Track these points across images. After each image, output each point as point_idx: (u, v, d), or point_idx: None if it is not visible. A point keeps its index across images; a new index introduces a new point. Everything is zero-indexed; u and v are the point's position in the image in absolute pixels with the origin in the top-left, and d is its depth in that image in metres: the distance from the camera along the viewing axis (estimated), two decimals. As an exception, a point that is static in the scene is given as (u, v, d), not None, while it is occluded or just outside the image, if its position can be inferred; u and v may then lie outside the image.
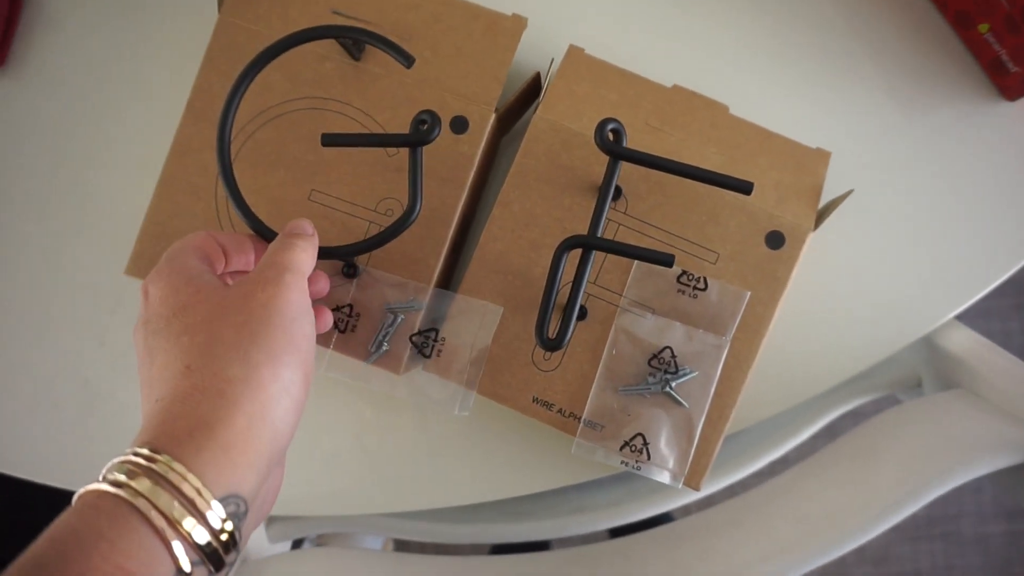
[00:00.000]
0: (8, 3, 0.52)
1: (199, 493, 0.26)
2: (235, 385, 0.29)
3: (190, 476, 0.27)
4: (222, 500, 0.27)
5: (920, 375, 0.55)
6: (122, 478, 0.26)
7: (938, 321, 0.49)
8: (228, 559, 0.28)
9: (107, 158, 0.52)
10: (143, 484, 0.26)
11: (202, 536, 0.26)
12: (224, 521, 0.27)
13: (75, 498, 0.27)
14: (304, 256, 0.35)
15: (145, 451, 0.27)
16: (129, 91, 0.52)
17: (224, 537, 0.27)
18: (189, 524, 0.26)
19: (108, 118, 0.52)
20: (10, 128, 0.53)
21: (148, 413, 0.29)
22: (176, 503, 0.26)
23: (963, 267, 0.49)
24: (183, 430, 0.27)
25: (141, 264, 0.46)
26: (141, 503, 0.26)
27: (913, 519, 1.25)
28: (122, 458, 0.27)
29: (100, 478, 0.27)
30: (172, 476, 0.26)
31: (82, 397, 0.51)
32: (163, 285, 0.32)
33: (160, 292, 0.32)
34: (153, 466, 0.26)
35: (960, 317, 0.50)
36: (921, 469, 0.43)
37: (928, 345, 0.51)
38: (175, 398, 0.29)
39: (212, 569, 0.27)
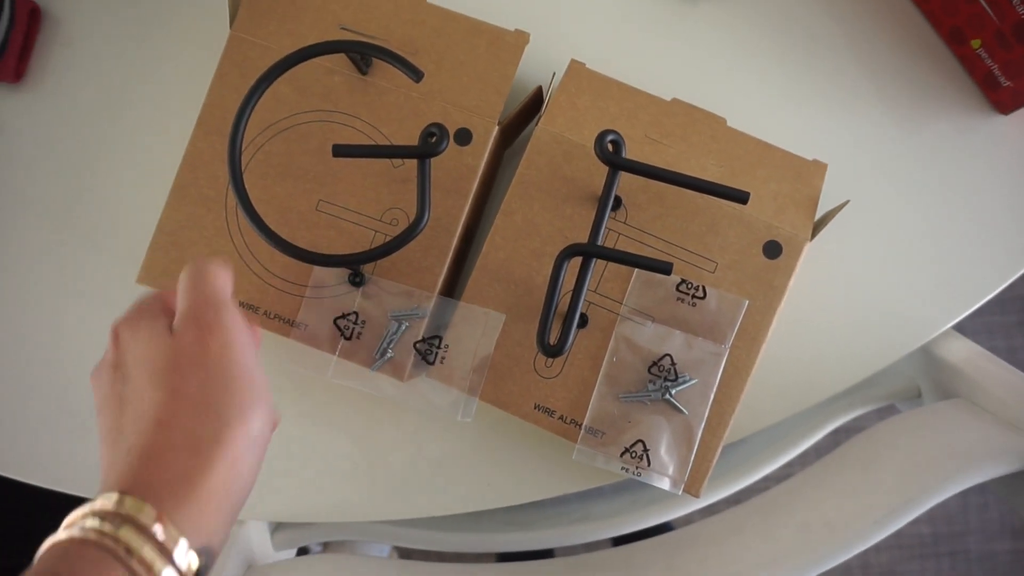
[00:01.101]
0: (27, 21, 0.54)
1: (172, 539, 0.27)
2: (208, 444, 0.29)
3: (166, 523, 0.27)
4: (196, 551, 0.28)
5: (919, 385, 0.55)
6: (102, 526, 0.27)
7: (936, 331, 0.50)
8: None
9: (120, 170, 0.53)
10: (123, 532, 0.26)
11: None
12: (196, 572, 0.28)
13: (48, 545, 0.27)
14: (226, 282, 0.34)
15: (123, 499, 0.27)
16: (141, 105, 0.54)
17: None
18: (167, 573, 0.27)
19: (121, 131, 0.54)
20: (26, 141, 0.54)
21: (118, 462, 0.30)
22: (152, 549, 0.27)
23: (960, 277, 0.50)
24: (160, 483, 0.28)
25: (153, 273, 0.47)
26: (121, 552, 0.26)
27: (919, 537, 1.24)
28: (98, 506, 0.28)
29: (72, 524, 0.27)
30: (147, 523, 0.27)
31: (91, 400, 0.52)
32: (130, 335, 0.32)
33: (131, 342, 0.32)
34: (131, 515, 0.27)
35: (961, 332, 0.51)
36: (920, 477, 0.43)
37: (926, 355, 0.52)
38: (148, 452, 0.29)
39: None
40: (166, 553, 0.27)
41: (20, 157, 0.54)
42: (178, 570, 0.27)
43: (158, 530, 0.27)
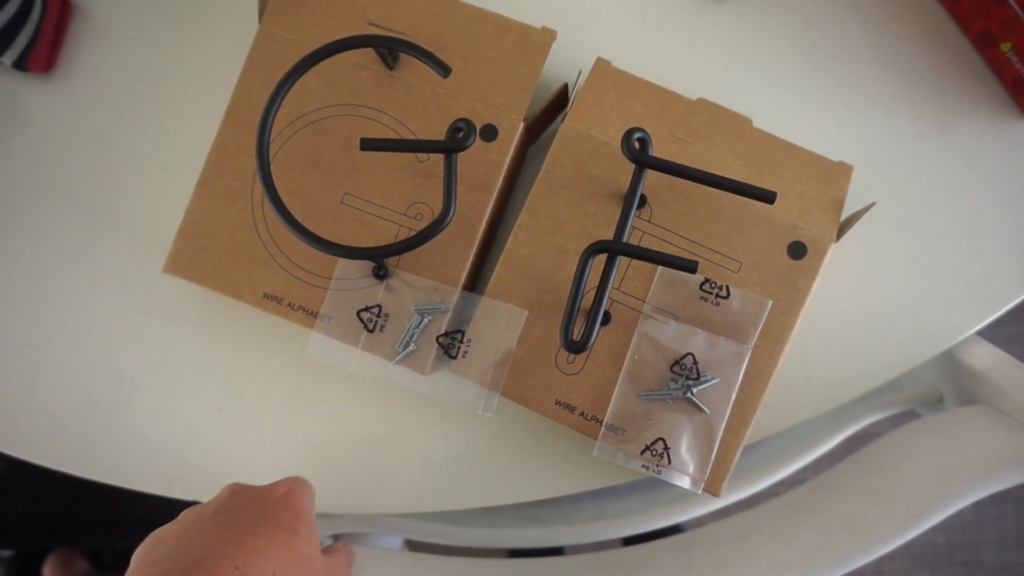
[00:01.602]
0: (58, 12, 0.55)
1: None
2: None
3: None
4: None
5: (941, 391, 0.55)
6: None
7: (959, 336, 0.49)
8: None
9: (147, 161, 0.54)
10: None
11: None
12: None
13: None
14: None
15: None
16: (170, 97, 0.54)
17: None
18: None
19: (149, 123, 0.54)
20: (56, 131, 0.55)
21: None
22: None
23: (984, 282, 0.49)
24: None
25: (178, 263, 0.47)
26: None
27: (934, 547, 1.23)
28: None
29: None
30: None
31: (116, 392, 0.52)
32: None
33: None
34: None
35: (984, 337, 0.51)
36: (941, 482, 0.43)
37: (949, 360, 0.51)
38: None
39: None
40: None
41: (49, 147, 0.55)
42: None
43: None
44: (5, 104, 0.55)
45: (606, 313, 0.44)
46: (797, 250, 0.44)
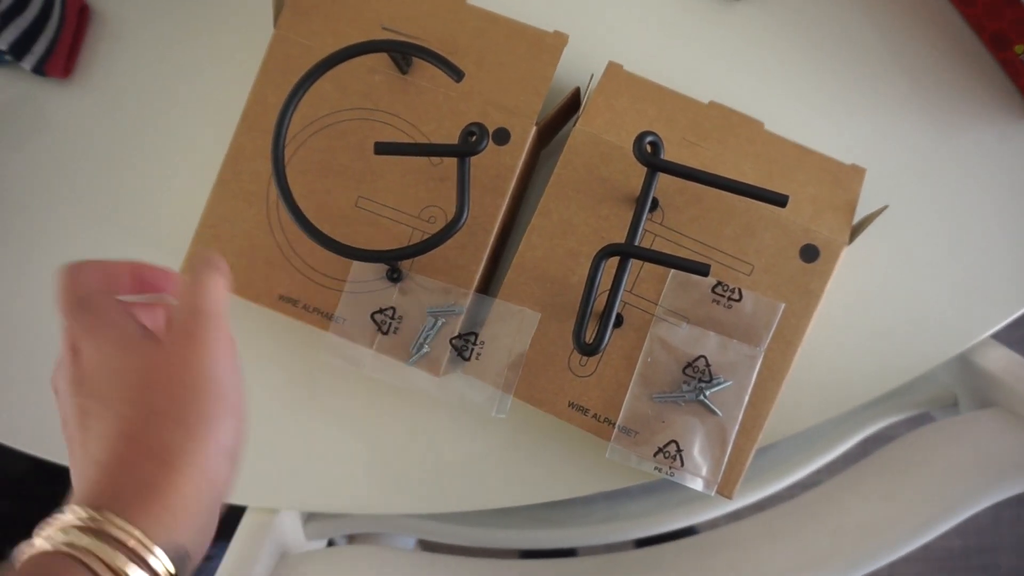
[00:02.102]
0: (76, 19, 0.55)
1: (145, 547, 0.28)
2: (176, 453, 0.30)
3: (135, 531, 0.28)
4: (171, 558, 0.28)
5: (956, 394, 0.55)
6: (75, 539, 0.27)
7: (974, 339, 0.49)
8: None
9: (164, 164, 0.55)
10: (93, 543, 0.27)
11: None
12: (172, 573, 0.29)
13: (23, 556, 0.28)
14: (221, 294, 0.35)
15: (92, 512, 0.28)
16: (186, 101, 0.55)
17: None
18: (136, 574, 0.27)
19: (165, 126, 0.55)
20: (74, 135, 0.56)
21: (88, 474, 0.30)
22: (124, 557, 0.27)
23: (999, 286, 0.49)
24: (129, 493, 0.29)
25: (194, 265, 0.48)
26: (93, 562, 0.27)
27: (949, 551, 1.22)
28: (69, 519, 0.28)
29: (44, 536, 0.28)
30: (118, 533, 0.28)
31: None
32: (95, 347, 0.32)
33: (93, 354, 0.32)
34: (102, 526, 0.28)
35: (999, 340, 0.50)
36: (956, 486, 0.43)
37: (964, 363, 0.51)
38: (116, 463, 0.29)
39: None
40: (140, 561, 0.28)
41: (67, 151, 0.56)
42: (152, 571, 0.28)
43: (129, 540, 0.28)
44: (24, 107, 0.56)
45: (618, 316, 0.45)
46: (809, 253, 0.44)
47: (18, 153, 0.56)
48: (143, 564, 0.28)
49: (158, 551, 0.28)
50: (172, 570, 0.28)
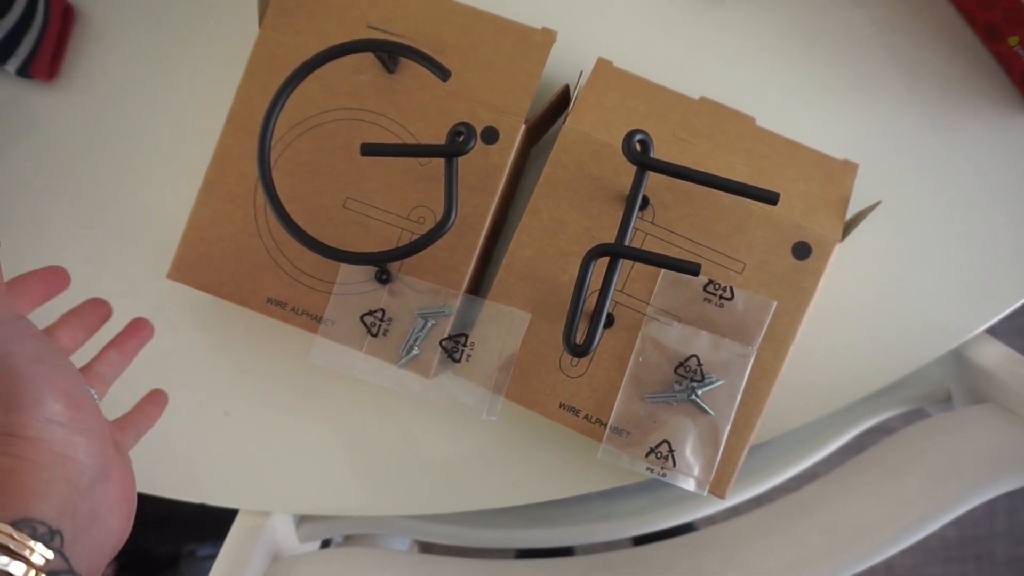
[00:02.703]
0: (60, 19, 0.55)
1: None
2: None
3: None
4: (16, 527, 0.27)
5: (950, 389, 0.55)
6: None
7: (968, 334, 0.49)
8: None
9: (151, 166, 0.54)
10: None
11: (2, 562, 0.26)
12: (33, 547, 0.27)
13: None
14: None
15: None
16: (172, 102, 0.55)
17: (35, 557, 0.27)
18: None
19: (151, 128, 0.55)
20: (59, 137, 0.55)
21: None
22: None
23: (993, 280, 0.49)
24: None
25: (182, 269, 0.47)
26: None
27: (944, 541, 1.23)
28: None
29: None
30: None
31: (121, 396, 0.53)
32: None
33: None
34: None
35: (993, 335, 0.50)
36: (949, 483, 0.43)
37: (958, 359, 0.51)
38: None
39: None
40: None
41: (53, 153, 0.55)
42: (6, 550, 0.26)
43: None
44: (8, 108, 0.55)
45: (609, 315, 0.44)
46: (801, 250, 0.44)
47: (3, 157, 0.55)
48: None
49: (3, 526, 0.26)
50: (30, 544, 0.27)
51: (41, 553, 0.27)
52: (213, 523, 0.59)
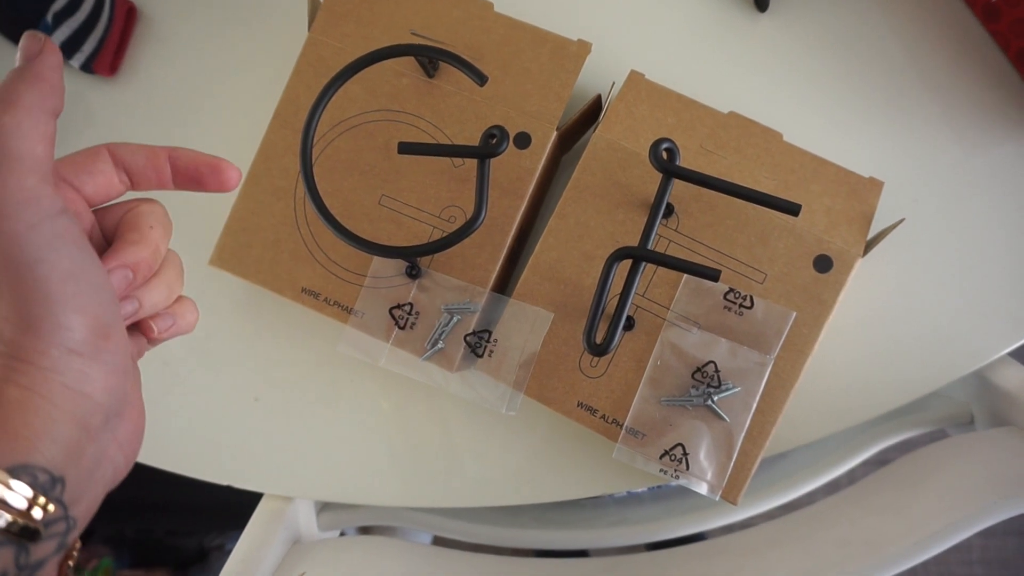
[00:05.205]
0: (123, 20, 0.58)
1: None
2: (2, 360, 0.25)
3: None
4: (14, 475, 0.24)
5: (972, 412, 0.54)
6: None
7: (991, 356, 0.49)
8: (52, 529, 0.25)
9: (199, 160, 0.57)
10: None
11: None
12: (31, 498, 0.24)
13: None
14: (32, 122, 0.26)
15: None
16: (223, 99, 0.57)
17: (35, 511, 0.24)
18: None
19: (202, 122, 0.57)
20: (116, 130, 0.58)
21: None
22: None
23: (1018, 303, 0.49)
24: None
25: (224, 257, 0.50)
26: None
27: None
28: None
29: None
30: None
31: (160, 377, 0.55)
32: None
33: None
34: None
35: (1019, 358, 0.50)
36: (966, 501, 0.43)
37: (981, 381, 0.51)
38: None
39: (24, 540, 0.24)
40: None
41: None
42: None
43: None
44: (72, 102, 0.59)
45: (630, 319, 0.45)
46: (823, 263, 0.44)
47: (65, 147, 0.58)
48: None
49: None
50: (29, 494, 0.24)
51: (40, 506, 0.24)
52: (236, 515, 0.60)
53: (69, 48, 0.57)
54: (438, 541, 0.91)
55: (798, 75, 0.53)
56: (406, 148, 0.44)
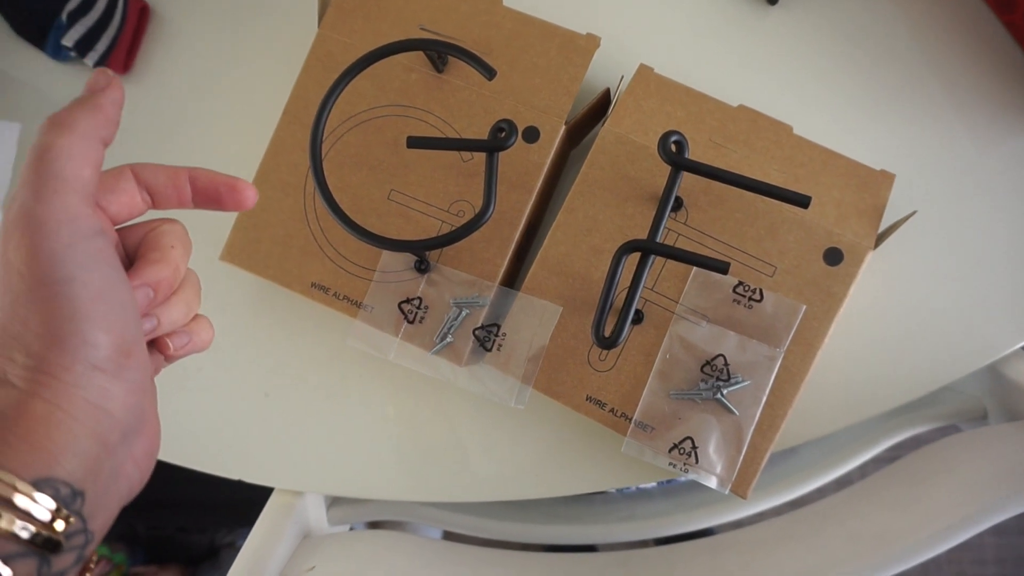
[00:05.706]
0: (136, 19, 0.59)
1: (7, 486, 0.23)
2: (20, 371, 0.25)
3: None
4: (39, 488, 0.24)
5: (985, 407, 0.54)
6: None
7: (1004, 350, 0.48)
8: (72, 542, 0.25)
9: (209, 156, 0.57)
10: None
11: (17, 526, 0.24)
12: (55, 511, 0.24)
13: None
14: (76, 146, 0.27)
15: None
16: (234, 96, 0.58)
17: (58, 523, 0.24)
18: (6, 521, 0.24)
19: (211, 119, 0.58)
20: (127, 126, 0.58)
21: None
22: None
23: (1032, 296, 0.48)
24: None
25: (234, 252, 0.50)
26: None
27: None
28: None
29: None
30: None
31: (169, 373, 0.55)
32: None
33: None
34: None
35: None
36: (978, 496, 0.42)
37: (994, 375, 0.50)
38: None
39: (47, 552, 0.25)
40: (6, 505, 0.24)
41: (122, 138, 0.58)
42: (21, 513, 0.24)
43: None
44: (85, 101, 0.59)
45: (639, 312, 0.45)
46: (833, 256, 0.44)
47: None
48: (10, 507, 0.23)
49: (22, 486, 0.24)
50: (53, 507, 0.24)
51: (62, 518, 0.25)
52: (246, 512, 0.60)
53: (83, 46, 0.57)
54: (448, 536, 0.91)
55: (808, 68, 0.52)
56: (415, 142, 0.44)
